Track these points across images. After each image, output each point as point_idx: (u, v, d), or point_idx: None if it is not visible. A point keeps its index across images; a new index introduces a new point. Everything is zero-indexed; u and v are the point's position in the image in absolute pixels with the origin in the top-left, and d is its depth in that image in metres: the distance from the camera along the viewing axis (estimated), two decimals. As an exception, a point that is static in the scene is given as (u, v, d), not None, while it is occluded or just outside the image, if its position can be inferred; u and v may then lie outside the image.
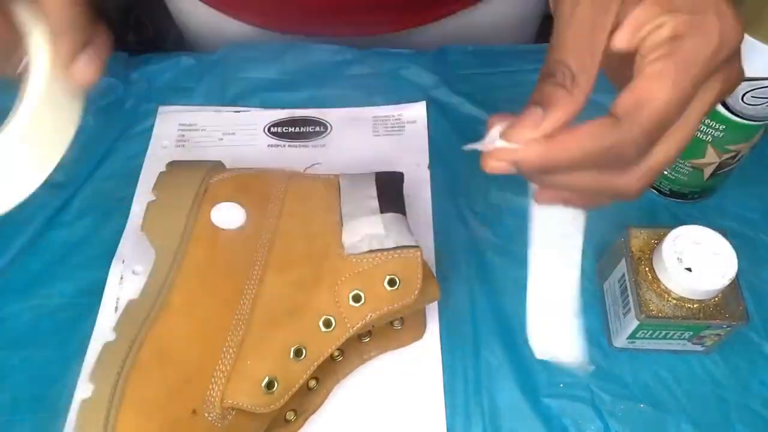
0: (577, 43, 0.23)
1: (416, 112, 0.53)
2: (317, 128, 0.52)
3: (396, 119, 0.53)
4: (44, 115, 0.28)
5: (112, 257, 0.45)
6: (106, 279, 0.44)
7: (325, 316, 0.36)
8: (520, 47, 0.58)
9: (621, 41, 0.24)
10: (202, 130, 0.52)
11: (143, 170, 0.50)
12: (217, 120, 0.53)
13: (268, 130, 0.52)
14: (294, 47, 0.58)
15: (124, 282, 0.44)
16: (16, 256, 0.45)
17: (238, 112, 0.54)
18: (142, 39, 0.90)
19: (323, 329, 0.35)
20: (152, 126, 0.53)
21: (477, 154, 0.48)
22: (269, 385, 0.34)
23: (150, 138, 0.52)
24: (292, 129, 0.52)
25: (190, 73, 0.56)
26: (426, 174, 0.49)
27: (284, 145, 0.51)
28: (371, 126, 0.53)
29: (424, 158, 0.50)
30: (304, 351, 0.35)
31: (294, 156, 0.51)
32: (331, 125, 0.52)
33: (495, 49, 0.58)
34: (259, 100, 0.54)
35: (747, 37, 0.36)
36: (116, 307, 0.43)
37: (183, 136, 0.52)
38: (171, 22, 0.68)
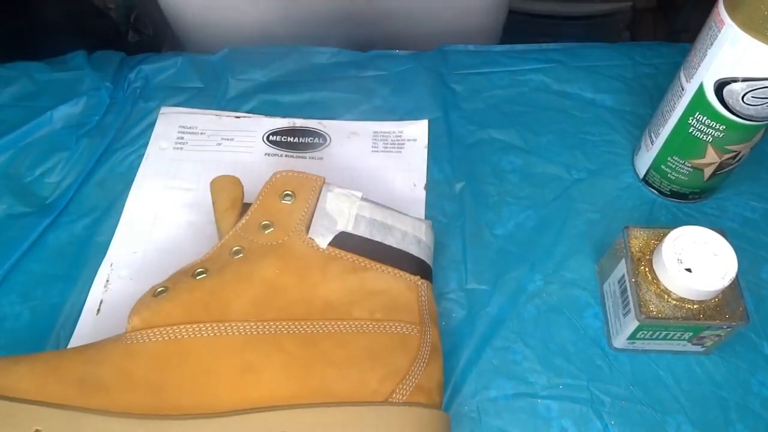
0: None
1: (418, 130, 0.52)
2: (316, 140, 0.51)
3: (396, 136, 0.52)
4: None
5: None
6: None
7: None
8: (520, 47, 0.58)
9: None
10: (201, 133, 0.52)
11: (139, 171, 0.50)
12: (217, 124, 0.52)
13: (267, 138, 0.52)
14: (293, 49, 0.57)
15: (110, 285, 0.44)
16: (17, 259, 0.45)
17: (239, 117, 0.53)
18: (142, 39, 0.90)
19: None
20: (147, 127, 0.52)
21: (482, 171, 0.48)
22: None
23: (145, 139, 0.52)
24: (291, 139, 0.52)
25: (188, 73, 0.56)
26: (421, 194, 0.48)
27: (281, 155, 0.51)
28: (371, 141, 0.52)
29: (421, 178, 0.49)
30: None
31: (290, 167, 0.49)
32: (330, 137, 0.52)
33: (495, 49, 0.58)
34: (257, 101, 0.54)
35: (747, 37, 0.36)
36: (98, 310, 0.42)
37: (182, 138, 0.52)
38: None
